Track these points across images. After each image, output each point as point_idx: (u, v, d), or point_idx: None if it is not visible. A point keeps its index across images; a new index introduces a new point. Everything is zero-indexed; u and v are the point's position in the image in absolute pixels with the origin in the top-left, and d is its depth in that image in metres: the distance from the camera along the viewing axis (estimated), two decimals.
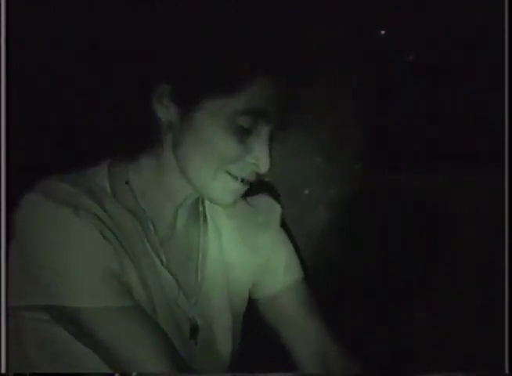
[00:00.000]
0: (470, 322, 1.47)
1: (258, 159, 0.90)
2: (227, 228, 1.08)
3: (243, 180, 0.92)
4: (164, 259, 0.97)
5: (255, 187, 1.00)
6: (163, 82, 0.89)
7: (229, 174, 0.91)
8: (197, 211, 1.06)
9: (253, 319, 1.19)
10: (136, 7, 0.93)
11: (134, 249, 0.92)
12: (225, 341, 1.04)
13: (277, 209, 1.14)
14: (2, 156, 1.10)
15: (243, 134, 0.88)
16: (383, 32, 1.42)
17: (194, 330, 1.00)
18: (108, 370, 0.91)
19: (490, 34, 1.32)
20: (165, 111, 0.90)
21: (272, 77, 0.87)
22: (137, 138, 0.93)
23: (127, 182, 0.95)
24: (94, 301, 0.85)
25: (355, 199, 1.50)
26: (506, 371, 1.19)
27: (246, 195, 0.98)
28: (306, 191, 1.50)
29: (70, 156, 1.20)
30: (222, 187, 0.91)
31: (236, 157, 0.89)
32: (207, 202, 1.06)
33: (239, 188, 0.92)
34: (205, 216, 1.06)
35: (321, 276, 1.47)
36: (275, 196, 1.19)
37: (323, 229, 1.50)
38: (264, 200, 1.13)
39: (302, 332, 1.11)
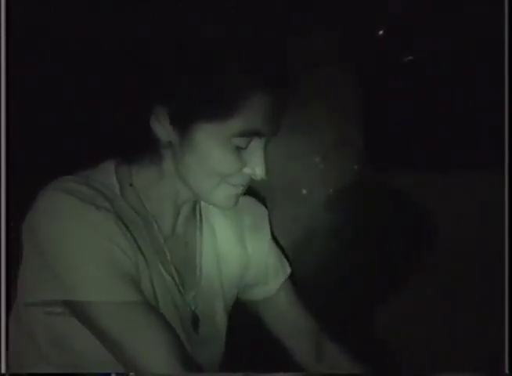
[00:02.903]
0: (470, 322, 1.47)
1: (255, 170, 0.94)
2: (220, 227, 1.11)
3: (242, 185, 0.97)
4: (168, 256, 1.00)
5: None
6: (159, 105, 0.91)
7: (229, 183, 0.95)
8: (195, 210, 1.09)
9: (253, 319, 1.20)
10: (135, 30, 0.94)
11: (141, 246, 0.95)
12: (221, 332, 1.09)
13: (265, 213, 1.19)
14: (2, 157, 1.11)
15: (240, 151, 0.92)
16: (381, 32, 1.42)
17: (195, 322, 1.03)
18: (111, 367, 0.92)
19: (490, 35, 1.32)
20: (163, 131, 0.93)
21: (266, 102, 0.89)
22: (138, 144, 0.95)
23: (131, 185, 0.98)
24: (108, 296, 0.87)
25: (353, 199, 1.50)
26: (506, 371, 1.19)
27: None
28: (304, 191, 1.50)
29: (74, 156, 1.21)
30: (224, 195, 0.96)
31: (234, 171, 0.93)
32: (202, 202, 1.10)
33: (239, 192, 0.97)
34: (201, 215, 1.10)
35: (320, 274, 1.47)
36: (260, 198, 1.21)
37: (321, 229, 1.50)
38: (251, 203, 1.16)
39: (296, 328, 1.16)
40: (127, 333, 0.88)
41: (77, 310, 0.89)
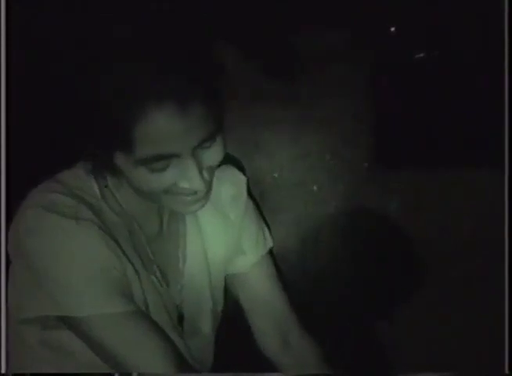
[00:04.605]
0: (470, 322, 1.47)
1: (190, 184, 0.87)
2: (202, 211, 1.05)
3: (191, 194, 0.89)
4: (151, 255, 0.99)
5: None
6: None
7: (174, 194, 0.89)
8: None
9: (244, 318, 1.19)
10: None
11: (126, 250, 0.94)
12: (207, 321, 1.08)
13: (242, 180, 1.14)
14: (2, 158, 1.11)
15: (160, 172, 0.85)
16: (392, 29, 1.41)
17: (181, 317, 1.03)
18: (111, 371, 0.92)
19: (490, 34, 1.32)
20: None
21: (161, 123, 0.80)
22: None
23: (106, 186, 0.97)
24: (98, 309, 0.87)
25: (361, 196, 1.50)
26: (506, 371, 1.19)
27: None
28: (315, 187, 1.50)
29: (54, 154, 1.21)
30: (175, 203, 0.90)
31: (161, 189, 0.87)
32: None
33: (195, 198, 0.90)
34: None
35: (326, 271, 1.47)
36: (238, 166, 1.18)
37: (331, 224, 1.50)
38: (229, 172, 1.13)
39: (266, 306, 1.13)
40: (121, 344, 0.88)
41: (71, 324, 0.90)
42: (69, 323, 0.90)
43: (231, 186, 1.12)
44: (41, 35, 1.28)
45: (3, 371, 1.04)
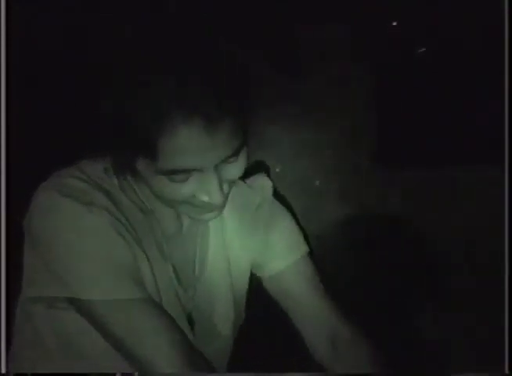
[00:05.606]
0: (470, 322, 1.47)
1: (209, 197, 0.87)
2: (227, 211, 1.05)
3: (208, 207, 0.90)
4: (167, 254, 0.99)
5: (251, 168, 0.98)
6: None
7: (191, 204, 0.90)
8: None
9: (256, 320, 1.19)
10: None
11: (143, 242, 0.94)
12: (224, 325, 1.07)
13: (268, 185, 1.14)
14: (2, 156, 1.11)
15: (180, 182, 0.86)
16: (394, 23, 1.41)
17: (191, 324, 1.02)
18: (115, 364, 0.92)
19: (490, 34, 1.32)
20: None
21: (186, 138, 0.80)
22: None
23: (125, 179, 0.96)
24: (108, 294, 0.87)
25: (362, 193, 1.50)
26: (506, 371, 1.19)
27: (243, 177, 0.97)
28: (317, 182, 1.50)
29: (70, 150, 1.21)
30: (191, 211, 0.92)
31: (179, 199, 0.88)
32: None
33: (210, 209, 0.91)
34: None
35: (326, 270, 1.47)
36: (267, 172, 1.18)
37: (333, 220, 1.50)
38: (259, 179, 1.13)
39: (310, 310, 1.10)
40: (129, 331, 0.88)
41: (81, 308, 0.90)
42: (79, 306, 0.89)
43: (258, 191, 1.12)
44: (41, 35, 1.28)
45: (3, 371, 1.04)
